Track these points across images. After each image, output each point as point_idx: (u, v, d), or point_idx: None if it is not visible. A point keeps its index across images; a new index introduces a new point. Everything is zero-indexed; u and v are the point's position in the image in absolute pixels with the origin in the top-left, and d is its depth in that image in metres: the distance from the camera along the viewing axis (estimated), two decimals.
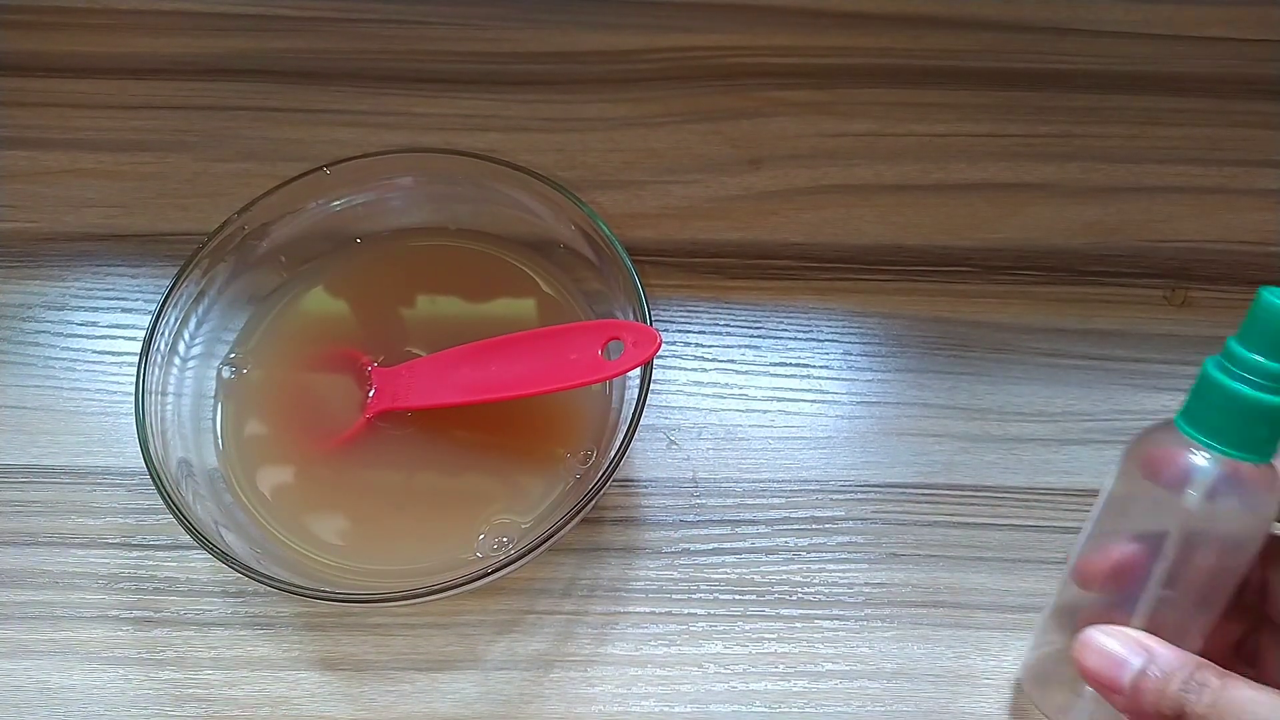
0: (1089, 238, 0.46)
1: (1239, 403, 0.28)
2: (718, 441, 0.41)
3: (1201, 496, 0.29)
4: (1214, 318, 0.44)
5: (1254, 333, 0.28)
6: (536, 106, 0.49)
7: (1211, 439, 0.29)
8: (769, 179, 0.47)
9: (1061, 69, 0.50)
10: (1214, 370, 0.29)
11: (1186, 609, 0.30)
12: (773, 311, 0.44)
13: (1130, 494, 0.31)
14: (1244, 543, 0.30)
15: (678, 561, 0.39)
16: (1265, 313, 0.28)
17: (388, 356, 0.40)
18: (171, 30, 0.50)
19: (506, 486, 0.38)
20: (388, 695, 0.37)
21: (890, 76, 0.49)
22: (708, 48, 0.50)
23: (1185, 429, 0.29)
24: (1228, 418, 0.28)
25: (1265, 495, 0.29)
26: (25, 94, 0.48)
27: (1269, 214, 0.47)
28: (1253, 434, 0.28)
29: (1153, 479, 0.30)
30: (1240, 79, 0.50)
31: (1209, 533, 0.30)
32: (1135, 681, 0.29)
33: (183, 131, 0.48)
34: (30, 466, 0.40)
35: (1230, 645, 0.34)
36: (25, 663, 0.37)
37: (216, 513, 0.36)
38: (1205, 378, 0.29)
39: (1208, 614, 0.31)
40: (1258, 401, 0.28)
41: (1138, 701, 0.29)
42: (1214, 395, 0.29)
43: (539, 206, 0.41)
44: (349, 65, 0.49)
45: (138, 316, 0.44)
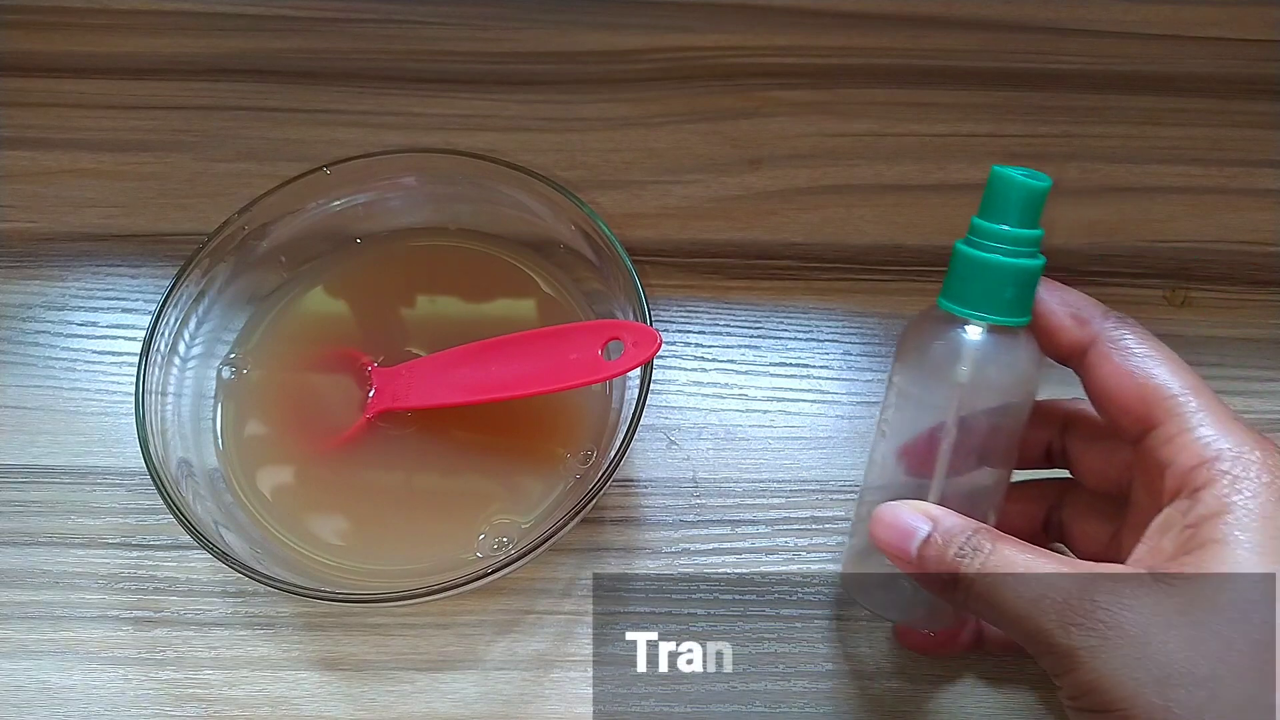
0: (1089, 238, 0.46)
1: (990, 270, 0.30)
2: (718, 441, 0.41)
3: (971, 366, 0.31)
4: (1214, 318, 0.44)
5: (993, 205, 0.30)
6: (536, 106, 0.49)
7: (971, 309, 0.31)
8: (769, 179, 0.47)
9: (1061, 69, 0.50)
10: (963, 247, 0.31)
11: (976, 478, 0.32)
12: (773, 311, 0.44)
13: (907, 382, 0.32)
14: (1017, 404, 0.32)
15: (678, 561, 0.39)
16: (1000, 184, 0.30)
17: (388, 356, 0.40)
18: (171, 30, 0.50)
19: (506, 486, 0.38)
20: (388, 695, 0.37)
21: (890, 76, 0.49)
22: (708, 48, 0.50)
23: (946, 306, 0.31)
24: (981, 286, 0.30)
25: (1027, 355, 0.31)
26: (25, 94, 0.48)
27: (1269, 214, 0.47)
28: (1005, 297, 0.30)
29: (924, 360, 0.32)
30: (1240, 79, 0.50)
31: (984, 400, 0.31)
32: (920, 549, 0.30)
33: (183, 131, 0.48)
34: (30, 466, 0.40)
35: (1039, 524, 0.36)
36: (25, 663, 0.37)
37: (216, 513, 0.36)
38: (957, 255, 0.31)
39: (998, 479, 0.32)
40: (1004, 265, 0.30)
41: (924, 568, 0.30)
42: (966, 269, 0.31)
43: (539, 206, 0.41)
44: (349, 65, 0.49)
45: (138, 316, 0.44)
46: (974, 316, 0.31)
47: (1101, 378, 0.30)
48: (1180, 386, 0.29)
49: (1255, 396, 0.43)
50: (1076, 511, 0.35)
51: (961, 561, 0.29)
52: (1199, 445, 0.28)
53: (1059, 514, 0.35)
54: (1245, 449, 0.28)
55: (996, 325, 0.31)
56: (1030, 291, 0.31)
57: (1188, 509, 0.28)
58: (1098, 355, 0.30)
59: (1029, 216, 0.30)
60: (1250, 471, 0.27)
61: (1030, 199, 0.30)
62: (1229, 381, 0.43)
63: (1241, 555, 0.26)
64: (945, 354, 0.31)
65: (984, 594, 0.28)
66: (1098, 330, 0.31)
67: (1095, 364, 0.30)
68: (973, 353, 0.31)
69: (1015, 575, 0.28)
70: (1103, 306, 0.31)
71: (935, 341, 0.31)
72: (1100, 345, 0.30)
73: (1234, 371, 0.43)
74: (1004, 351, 0.31)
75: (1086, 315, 0.31)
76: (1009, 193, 0.30)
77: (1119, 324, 0.31)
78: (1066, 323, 0.31)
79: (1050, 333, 0.31)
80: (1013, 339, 0.31)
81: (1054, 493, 0.35)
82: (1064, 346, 0.31)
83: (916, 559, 0.30)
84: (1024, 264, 0.30)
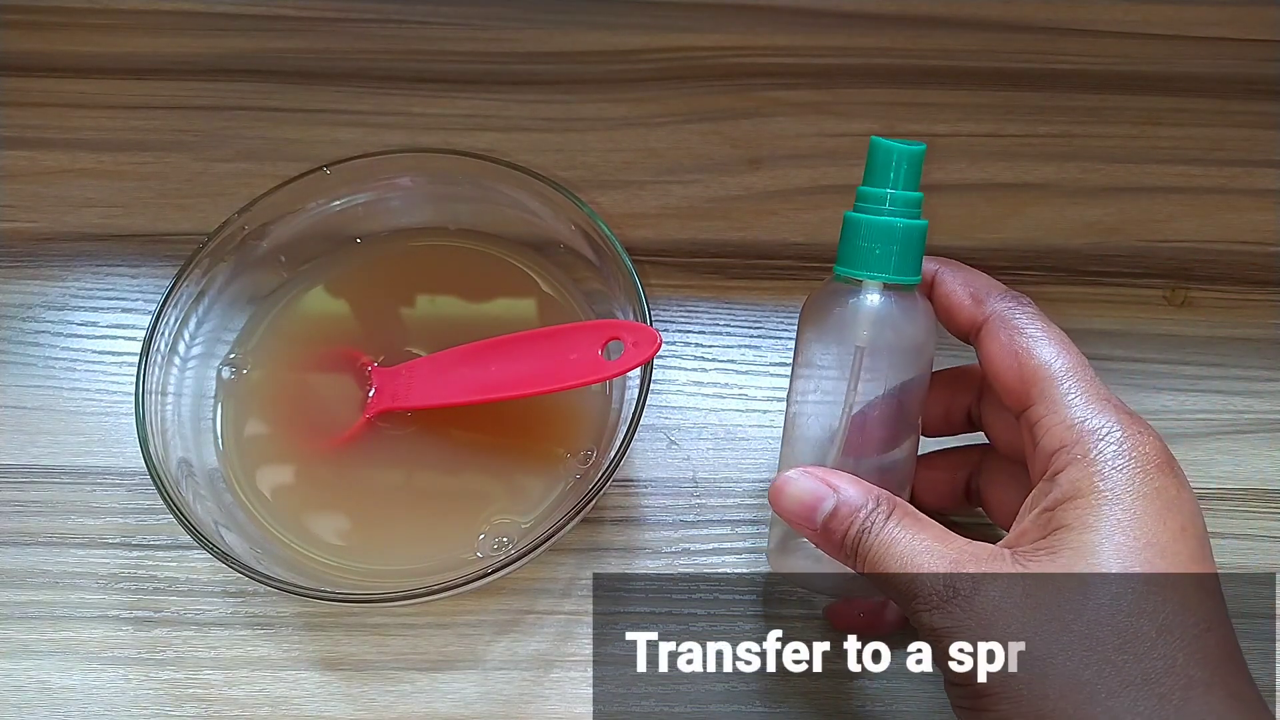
0: (1089, 238, 0.46)
1: (879, 230, 0.31)
2: (718, 441, 0.41)
3: (870, 325, 0.32)
4: (1214, 318, 0.44)
5: (875, 173, 0.32)
6: (536, 106, 0.49)
7: (865, 270, 0.32)
8: (769, 179, 0.47)
9: (1061, 69, 0.50)
10: (853, 215, 0.32)
11: (885, 445, 0.33)
12: (773, 311, 0.44)
13: (812, 355, 0.33)
14: (918, 366, 0.33)
15: (678, 561, 0.39)
16: (881, 151, 0.32)
17: (388, 356, 0.40)
18: (171, 30, 0.50)
19: (506, 486, 0.38)
20: (388, 695, 0.37)
21: (890, 76, 0.49)
22: (708, 48, 0.50)
23: (842, 273, 0.32)
24: (872, 248, 0.31)
25: (924, 316, 0.32)
26: (25, 94, 0.48)
27: (1269, 214, 0.47)
28: (896, 257, 0.31)
29: (824, 327, 0.32)
30: (1240, 79, 0.50)
31: (885, 361, 0.32)
32: (825, 522, 0.30)
33: (183, 131, 0.47)
34: (30, 466, 0.40)
35: (961, 489, 0.36)
36: (25, 663, 0.37)
37: (216, 513, 0.36)
38: (847, 223, 0.32)
39: (908, 446, 0.33)
40: (893, 225, 0.31)
41: (830, 541, 0.30)
42: (856, 233, 0.32)
43: (539, 206, 0.41)
44: (349, 65, 0.49)
45: (138, 316, 0.44)
46: (868, 276, 0.32)
47: (989, 355, 0.31)
48: (1061, 367, 0.30)
49: (1255, 396, 0.43)
50: (991, 478, 0.35)
51: (862, 535, 0.29)
52: (1062, 427, 0.29)
53: (977, 480, 0.36)
54: (1109, 430, 0.28)
55: (891, 285, 0.32)
56: (918, 252, 0.32)
57: (1048, 490, 0.29)
58: (988, 332, 0.31)
59: (910, 180, 0.31)
60: (1107, 452, 0.28)
61: (910, 161, 0.31)
62: (1229, 381, 0.43)
63: (1087, 540, 0.27)
64: (844, 317, 0.32)
65: (874, 566, 0.29)
66: (990, 309, 0.31)
67: (985, 341, 0.31)
68: (870, 311, 0.32)
69: (898, 550, 0.29)
70: (1002, 287, 0.32)
71: (834, 308, 0.32)
72: (991, 323, 0.31)
73: (1234, 371, 0.43)
74: (900, 311, 0.32)
75: (983, 294, 0.32)
76: (889, 158, 0.31)
77: (1013, 303, 0.31)
78: (965, 300, 0.32)
79: (949, 310, 0.32)
80: (909, 300, 0.32)
81: (974, 458, 0.36)
82: (961, 323, 0.32)
83: (820, 530, 0.30)
84: (911, 223, 0.31)
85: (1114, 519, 0.27)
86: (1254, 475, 0.41)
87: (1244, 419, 0.42)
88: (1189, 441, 0.42)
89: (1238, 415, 0.42)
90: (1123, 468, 0.28)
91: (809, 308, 0.33)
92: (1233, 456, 0.42)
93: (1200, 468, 0.41)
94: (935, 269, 0.33)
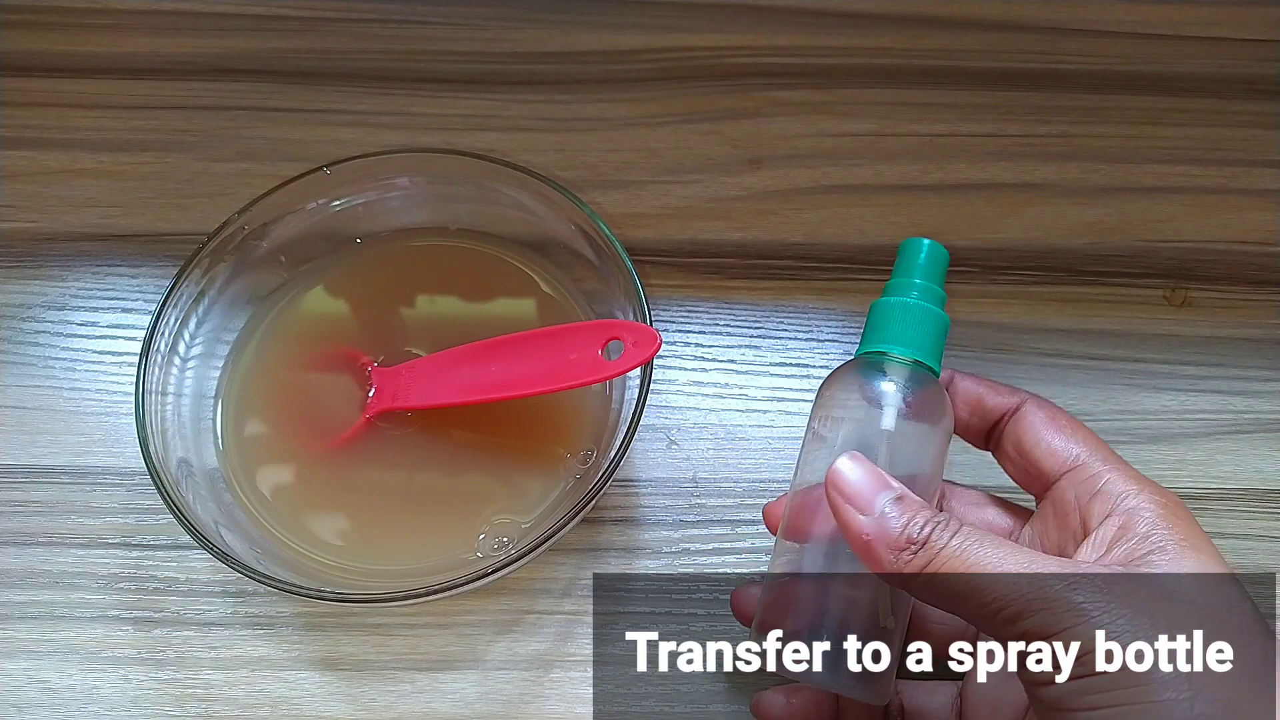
0: (1089, 238, 0.46)
1: (911, 313, 0.32)
2: (718, 441, 0.41)
3: (898, 397, 0.32)
4: (1214, 318, 0.44)
5: (906, 265, 0.33)
6: (536, 106, 0.49)
7: (894, 347, 0.32)
8: (769, 179, 0.47)
9: (1061, 69, 0.50)
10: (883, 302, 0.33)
11: None
12: (773, 311, 0.44)
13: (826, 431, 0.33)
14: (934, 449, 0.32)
15: (678, 561, 0.39)
16: (912, 248, 0.33)
17: (388, 356, 0.40)
18: (171, 30, 0.50)
19: (506, 486, 0.38)
20: (388, 695, 0.37)
21: (890, 76, 0.49)
22: (708, 48, 0.50)
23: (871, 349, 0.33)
24: (902, 330, 0.32)
25: (947, 400, 0.33)
26: (25, 94, 0.48)
27: (1269, 214, 0.47)
28: (925, 341, 0.32)
29: (850, 397, 0.32)
30: (1240, 79, 0.50)
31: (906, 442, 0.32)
32: (887, 510, 0.28)
33: (183, 131, 0.48)
34: (30, 466, 0.40)
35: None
36: (25, 663, 0.37)
37: (216, 513, 0.36)
38: (876, 309, 0.33)
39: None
40: (925, 309, 0.32)
41: (886, 532, 0.28)
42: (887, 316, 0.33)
43: (539, 206, 0.41)
44: (349, 65, 0.49)
45: (138, 316, 0.44)
46: (899, 351, 0.32)
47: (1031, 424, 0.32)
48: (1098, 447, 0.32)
49: (1255, 396, 0.43)
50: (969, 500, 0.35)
51: (934, 528, 0.28)
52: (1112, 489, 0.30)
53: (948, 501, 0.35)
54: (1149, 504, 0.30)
55: (919, 363, 0.32)
56: (940, 346, 0.33)
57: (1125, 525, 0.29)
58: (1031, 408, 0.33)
59: (937, 276, 0.33)
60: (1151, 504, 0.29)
61: (939, 259, 0.33)
62: (1229, 381, 0.43)
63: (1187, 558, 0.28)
64: (873, 390, 0.32)
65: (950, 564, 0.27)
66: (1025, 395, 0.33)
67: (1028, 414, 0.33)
68: (900, 385, 0.32)
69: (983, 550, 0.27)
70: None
71: (862, 381, 0.32)
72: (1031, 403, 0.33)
73: (1234, 371, 0.43)
74: (928, 394, 0.32)
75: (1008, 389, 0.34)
76: (920, 253, 0.33)
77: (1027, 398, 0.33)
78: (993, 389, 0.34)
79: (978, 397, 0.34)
80: (933, 385, 0.32)
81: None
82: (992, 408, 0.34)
83: (877, 520, 0.28)
84: (939, 312, 0.33)
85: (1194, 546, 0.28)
86: (1254, 475, 0.41)
87: (1244, 419, 0.42)
88: (1189, 441, 0.42)
89: (1238, 415, 0.42)
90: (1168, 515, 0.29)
91: (834, 382, 0.33)
92: (1233, 456, 0.42)
93: (1200, 468, 0.41)
94: (951, 372, 0.34)
